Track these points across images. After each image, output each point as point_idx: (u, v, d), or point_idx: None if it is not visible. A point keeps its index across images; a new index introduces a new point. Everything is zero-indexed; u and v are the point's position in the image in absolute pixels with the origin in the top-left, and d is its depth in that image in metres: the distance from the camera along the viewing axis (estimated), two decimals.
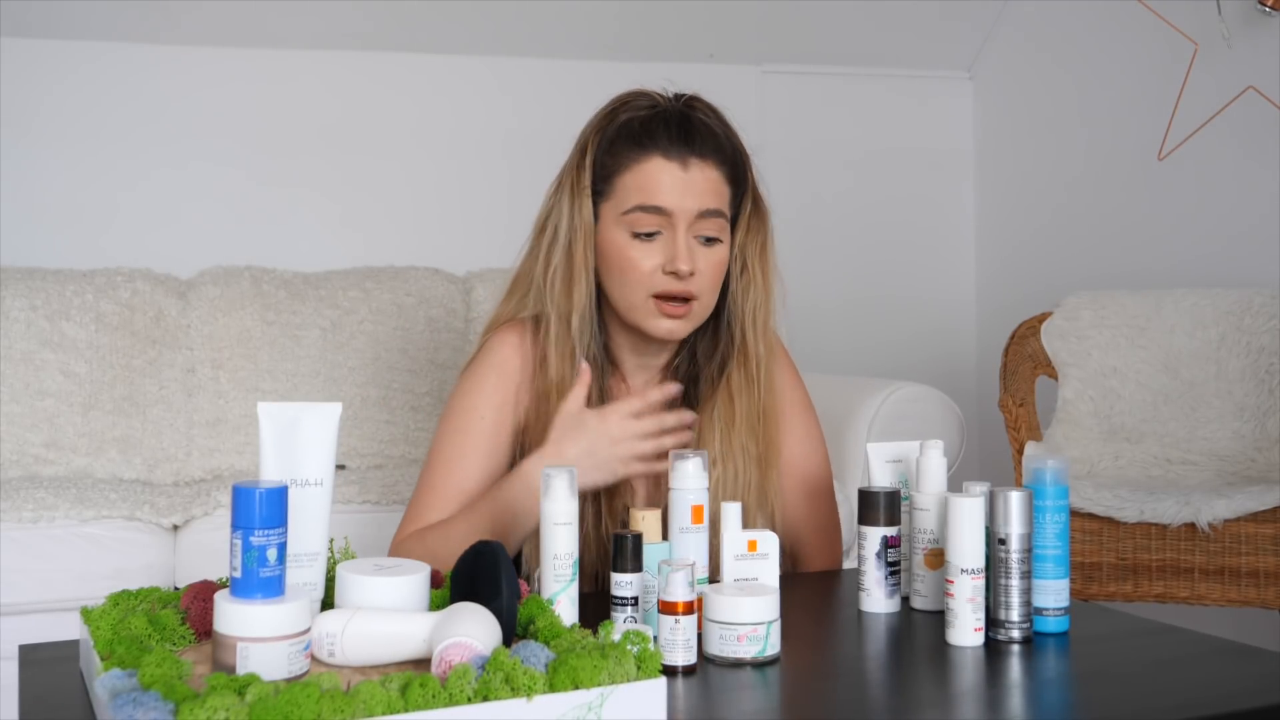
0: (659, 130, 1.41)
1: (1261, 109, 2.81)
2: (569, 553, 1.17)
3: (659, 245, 1.41)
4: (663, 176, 1.40)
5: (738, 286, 1.49)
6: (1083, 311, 2.75)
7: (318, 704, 0.87)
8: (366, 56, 3.11)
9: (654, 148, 1.41)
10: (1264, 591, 2.25)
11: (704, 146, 1.42)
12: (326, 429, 1.13)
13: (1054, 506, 1.26)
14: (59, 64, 2.88)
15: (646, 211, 1.41)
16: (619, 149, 1.43)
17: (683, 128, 1.42)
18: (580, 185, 1.44)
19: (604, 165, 1.44)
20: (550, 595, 1.16)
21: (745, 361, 1.49)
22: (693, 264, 1.40)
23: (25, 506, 2.14)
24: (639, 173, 1.41)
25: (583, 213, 1.43)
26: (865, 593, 1.35)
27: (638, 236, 1.41)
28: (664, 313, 1.42)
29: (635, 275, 1.42)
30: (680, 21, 3.22)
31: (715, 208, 1.42)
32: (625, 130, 1.43)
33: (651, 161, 1.41)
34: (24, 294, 2.55)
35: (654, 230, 1.41)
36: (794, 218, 3.46)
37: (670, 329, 1.43)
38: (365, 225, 3.09)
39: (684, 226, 1.40)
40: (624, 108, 1.46)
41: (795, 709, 1.10)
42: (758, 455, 1.49)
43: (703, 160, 1.42)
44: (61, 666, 1.17)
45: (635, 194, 1.41)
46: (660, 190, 1.40)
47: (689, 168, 1.41)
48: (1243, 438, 2.52)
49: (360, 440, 2.65)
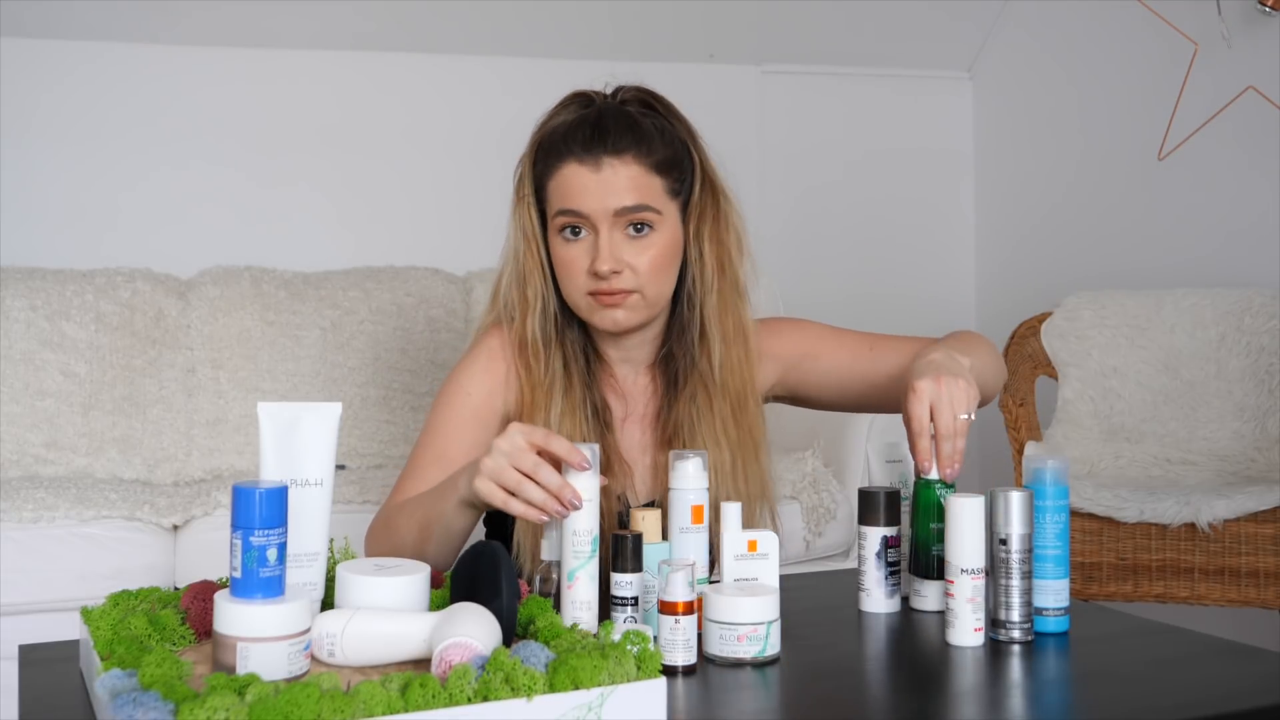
0: (575, 135, 1.45)
1: (1261, 109, 2.81)
2: (589, 529, 1.17)
3: (587, 246, 1.45)
4: (575, 180, 1.44)
5: (694, 271, 1.51)
6: (1083, 311, 2.75)
7: (318, 704, 0.87)
8: (366, 56, 3.11)
9: (569, 154, 1.45)
10: (1264, 591, 2.25)
11: (620, 142, 1.44)
12: (326, 429, 1.13)
13: (1054, 506, 1.26)
14: (59, 64, 2.88)
15: (566, 215, 1.45)
16: (542, 158, 1.48)
17: (597, 128, 1.45)
18: (524, 193, 1.50)
19: (536, 175, 1.49)
20: (570, 570, 1.17)
21: (708, 346, 1.50)
22: (616, 262, 1.43)
23: (25, 506, 2.14)
24: (558, 179, 1.46)
25: (530, 220, 1.49)
26: (865, 593, 1.35)
27: (567, 239, 1.46)
28: (602, 304, 1.45)
29: (572, 276, 1.46)
30: (680, 21, 3.22)
31: (636, 203, 1.44)
32: (547, 139, 1.48)
33: (567, 167, 1.45)
34: (24, 294, 2.55)
35: (579, 230, 1.45)
36: (793, 217, 3.48)
37: (614, 319, 1.45)
38: (365, 225, 3.09)
39: (605, 226, 1.43)
40: (553, 116, 1.50)
41: (795, 709, 1.10)
42: (738, 438, 1.50)
43: (618, 157, 1.44)
44: (61, 666, 1.17)
45: (558, 198, 1.46)
46: (574, 194, 1.44)
47: (601, 168, 1.44)
48: (1243, 438, 2.52)
49: (360, 440, 2.65)
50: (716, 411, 1.49)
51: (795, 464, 2.49)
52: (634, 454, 1.52)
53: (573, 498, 1.18)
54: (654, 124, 1.47)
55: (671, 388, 1.52)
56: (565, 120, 1.47)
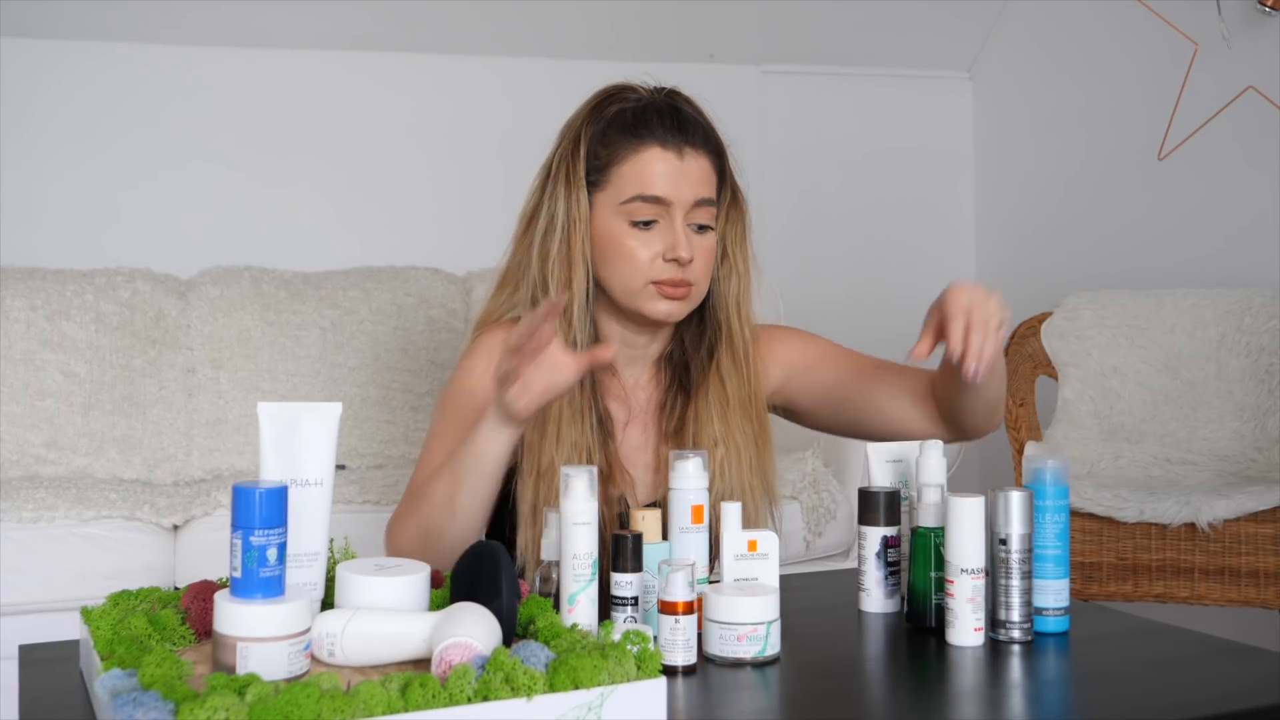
0: (654, 120, 1.44)
1: (1261, 109, 2.81)
2: (588, 552, 1.16)
3: (656, 234, 1.43)
4: (660, 166, 1.42)
5: (720, 274, 1.51)
6: (1083, 311, 2.75)
7: (318, 704, 0.87)
8: (366, 56, 3.11)
9: (650, 137, 1.43)
10: (1264, 591, 2.25)
11: (695, 136, 1.45)
12: (326, 429, 1.13)
13: (1054, 506, 1.26)
14: (58, 64, 2.88)
15: (646, 201, 1.42)
16: (613, 139, 1.45)
17: (675, 118, 1.45)
18: (575, 176, 1.45)
19: (598, 156, 1.45)
20: (570, 595, 1.16)
21: (732, 346, 1.51)
22: (691, 251, 1.42)
23: (25, 506, 2.14)
24: (637, 162, 1.43)
25: (580, 203, 1.45)
26: (865, 593, 1.35)
27: (636, 225, 1.43)
28: (664, 295, 1.44)
29: (634, 264, 1.44)
30: (680, 21, 3.22)
31: (708, 196, 1.45)
32: (619, 121, 1.45)
33: (649, 151, 1.43)
34: (24, 294, 2.55)
35: (651, 219, 1.43)
36: (794, 218, 3.47)
37: (669, 310, 1.45)
38: (365, 225, 3.09)
39: (681, 215, 1.43)
40: (611, 100, 1.48)
41: (795, 709, 1.10)
42: (754, 435, 1.51)
43: (695, 150, 1.44)
44: (61, 666, 1.17)
45: (633, 183, 1.43)
46: (658, 179, 1.42)
47: (684, 157, 1.43)
48: (1243, 438, 2.52)
49: (360, 440, 2.65)
50: (731, 410, 1.50)
51: (795, 464, 2.49)
52: (635, 454, 1.52)
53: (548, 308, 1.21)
54: (708, 126, 1.48)
55: (679, 385, 1.52)
56: (634, 106, 1.45)
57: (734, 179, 1.52)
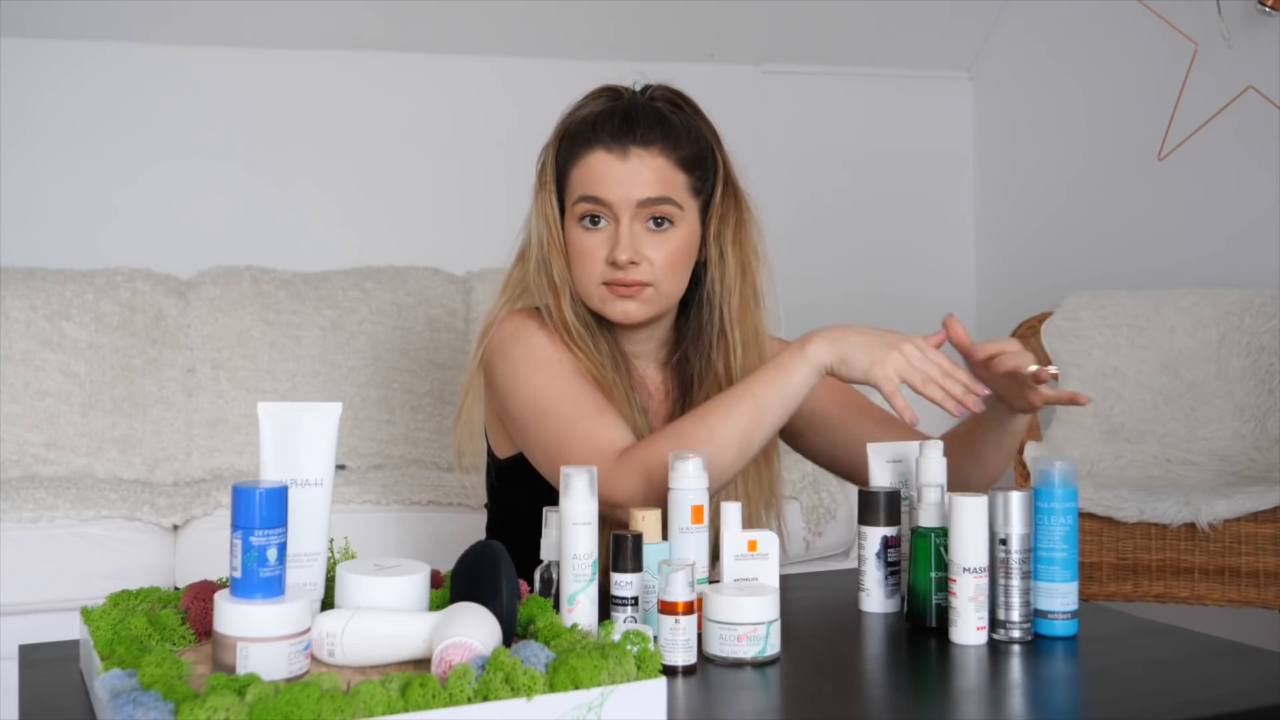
0: (603, 124, 1.45)
1: (1261, 109, 2.81)
2: (588, 552, 1.16)
3: (605, 236, 1.45)
4: (601, 168, 1.44)
5: (715, 273, 1.51)
6: (1083, 311, 2.75)
7: (318, 704, 0.87)
8: (366, 56, 3.11)
9: (596, 141, 1.45)
10: (1264, 591, 2.25)
11: (648, 135, 1.45)
12: (326, 429, 1.13)
13: (1062, 509, 1.24)
14: (58, 63, 2.88)
15: (588, 202, 1.45)
16: (568, 145, 1.48)
17: (626, 119, 1.45)
18: (545, 181, 1.50)
19: (560, 163, 1.49)
20: (570, 595, 1.16)
21: (727, 347, 1.51)
22: (635, 253, 1.43)
23: (25, 506, 2.14)
24: (583, 166, 1.46)
25: (549, 207, 1.49)
26: (865, 593, 1.35)
27: (586, 229, 1.46)
28: (616, 295, 1.45)
29: (585, 266, 1.46)
30: (680, 21, 3.22)
31: (660, 195, 1.44)
32: (575, 127, 1.48)
33: (593, 155, 1.45)
34: (24, 294, 2.55)
35: (599, 219, 1.45)
36: (794, 218, 3.47)
37: (625, 311, 1.45)
38: (365, 225, 3.09)
39: (627, 216, 1.44)
40: (582, 105, 1.50)
41: (795, 709, 1.10)
42: None
43: (645, 148, 1.44)
44: (61, 666, 1.17)
45: (580, 186, 1.46)
46: (599, 181, 1.44)
47: (629, 157, 1.44)
48: (1243, 438, 2.52)
49: (360, 440, 2.65)
50: None
51: (795, 464, 2.49)
52: None
53: (980, 392, 1.30)
54: (681, 121, 1.48)
55: (685, 392, 1.52)
56: (594, 110, 1.47)
57: (730, 177, 1.52)
